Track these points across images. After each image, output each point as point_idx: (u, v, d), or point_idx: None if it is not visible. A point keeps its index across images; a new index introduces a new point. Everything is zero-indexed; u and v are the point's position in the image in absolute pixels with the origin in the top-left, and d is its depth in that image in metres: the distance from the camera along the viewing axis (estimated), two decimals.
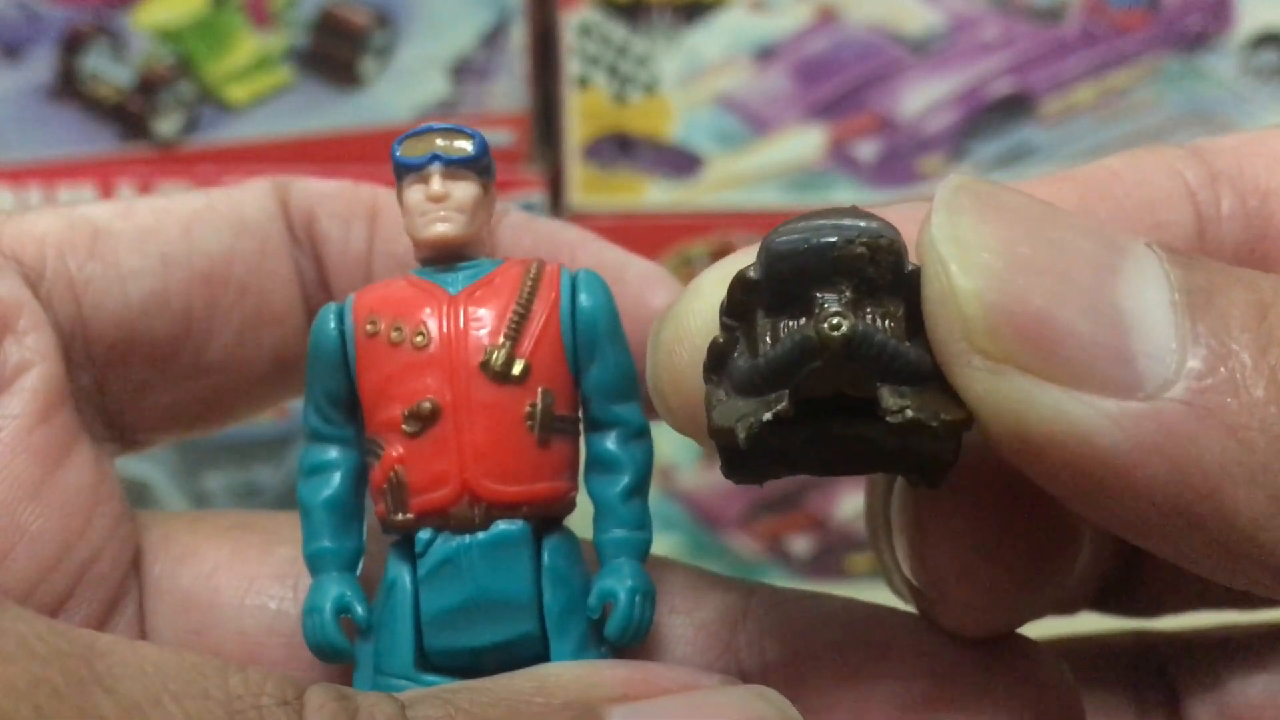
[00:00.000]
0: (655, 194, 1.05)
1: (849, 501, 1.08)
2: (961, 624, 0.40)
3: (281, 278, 0.47)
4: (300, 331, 0.47)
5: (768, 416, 0.35)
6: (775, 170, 1.05)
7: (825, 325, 0.34)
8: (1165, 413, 0.32)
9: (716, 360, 0.36)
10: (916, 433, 0.35)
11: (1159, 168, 0.42)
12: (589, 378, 0.41)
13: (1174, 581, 0.48)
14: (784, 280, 0.35)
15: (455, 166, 0.41)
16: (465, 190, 0.41)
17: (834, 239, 0.35)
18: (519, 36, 1.03)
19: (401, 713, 0.33)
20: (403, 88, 1.03)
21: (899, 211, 0.38)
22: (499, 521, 0.40)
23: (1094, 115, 1.04)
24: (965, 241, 0.33)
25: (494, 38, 1.03)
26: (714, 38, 1.03)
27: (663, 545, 0.47)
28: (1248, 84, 1.03)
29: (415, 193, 0.41)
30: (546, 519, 0.41)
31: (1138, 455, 0.32)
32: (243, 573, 0.44)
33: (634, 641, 0.41)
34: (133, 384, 0.46)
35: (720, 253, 1.04)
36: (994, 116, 1.04)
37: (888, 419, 0.34)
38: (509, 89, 1.03)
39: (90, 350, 0.44)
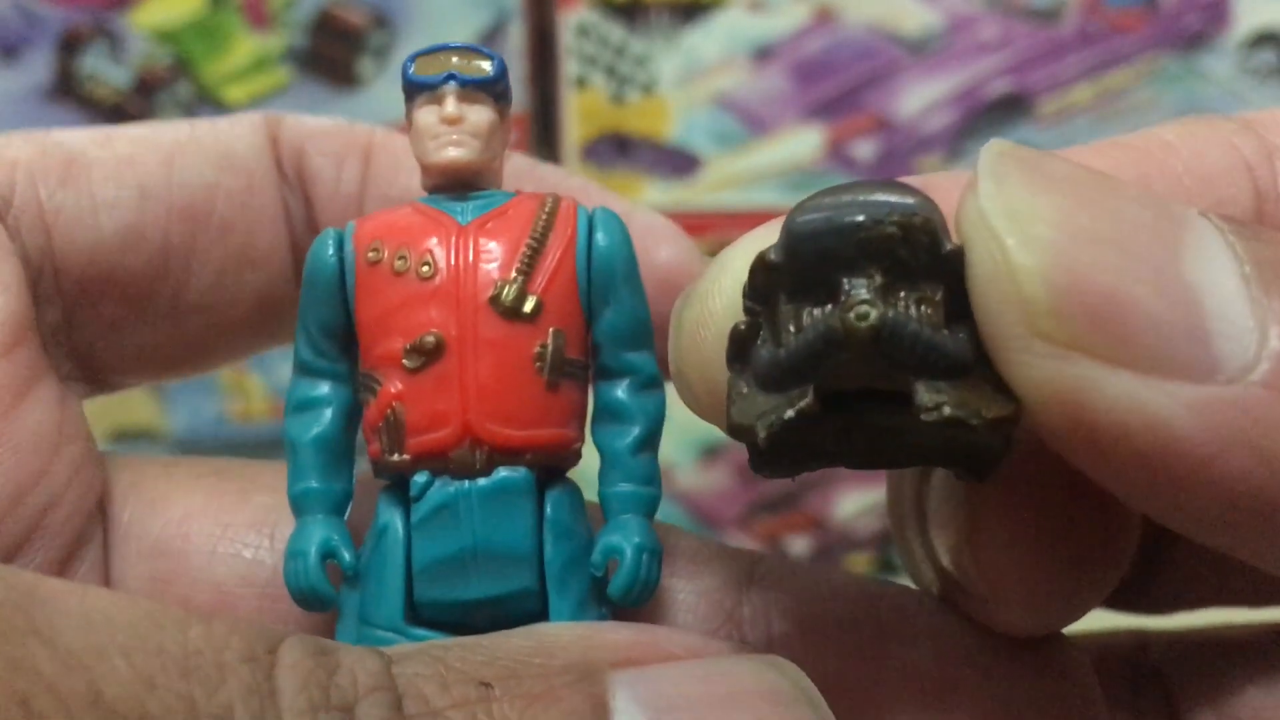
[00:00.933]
0: (653, 194, 1.04)
1: (848, 501, 1.07)
2: (1014, 623, 0.38)
3: (268, 216, 0.45)
4: (286, 274, 0.45)
5: (790, 415, 0.32)
6: (774, 170, 1.04)
7: (851, 315, 0.31)
8: (1248, 399, 0.29)
9: (738, 348, 0.33)
10: (955, 430, 0.31)
11: (1216, 141, 0.38)
12: (602, 322, 0.39)
13: (1191, 579, 0.46)
14: (807, 263, 0.32)
15: (472, 88, 0.39)
16: (481, 114, 0.39)
17: (861, 218, 0.31)
18: (517, 37, 1.03)
19: (387, 670, 0.31)
20: (400, 88, 1.02)
21: (939, 180, 0.35)
22: (501, 468, 0.37)
23: (1092, 115, 1.04)
24: (1019, 214, 0.31)
25: (492, 38, 1.02)
26: (712, 38, 1.03)
27: None
28: (1245, 83, 1.03)
29: (427, 114, 0.39)
30: (550, 468, 0.38)
31: (1217, 445, 0.29)
32: (217, 520, 0.42)
33: (638, 602, 0.38)
34: (104, 322, 0.44)
35: (719, 253, 1.04)
36: (992, 116, 1.03)
37: (922, 417, 0.31)
38: None
39: (59, 284, 0.42)
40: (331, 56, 1.03)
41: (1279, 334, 0.30)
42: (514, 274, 0.38)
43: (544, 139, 1.05)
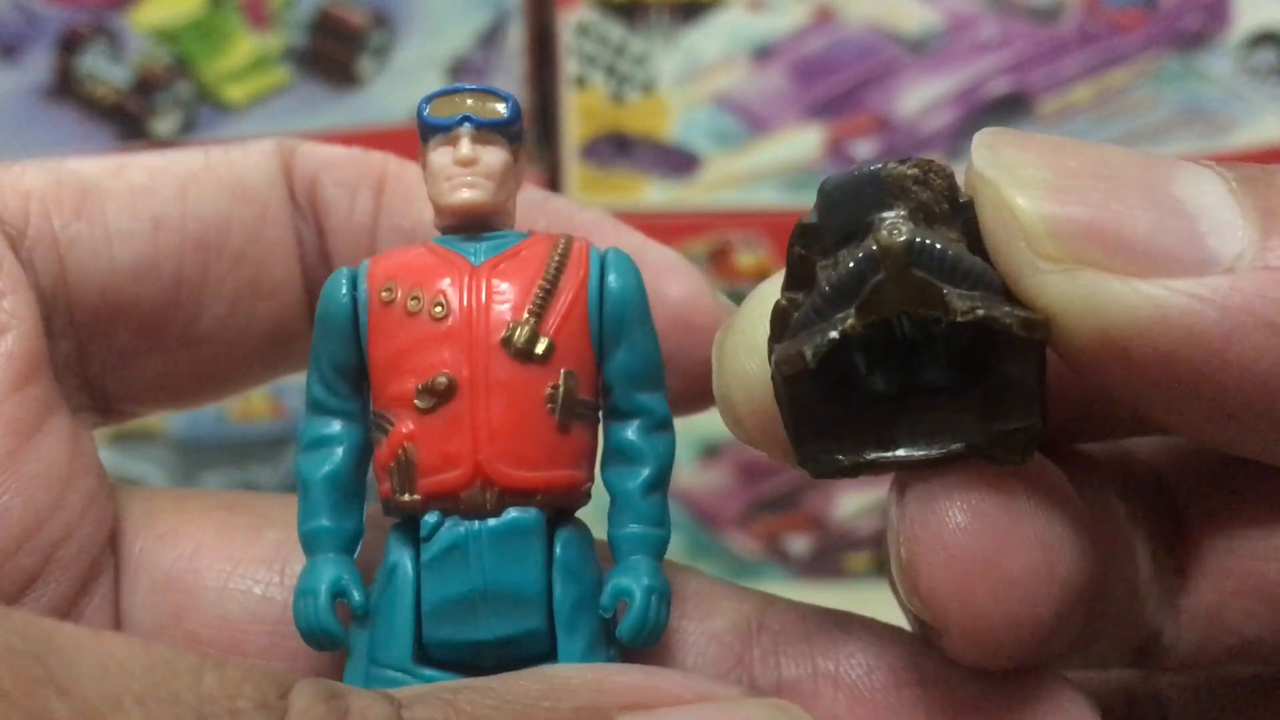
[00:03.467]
0: (653, 193, 1.04)
1: (847, 501, 1.08)
2: (967, 655, 0.37)
3: (281, 247, 0.44)
4: (298, 304, 0.45)
5: (834, 334, 0.34)
6: (773, 170, 1.04)
7: (885, 233, 0.34)
8: (1252, 280, 0.32)
9: (780, 324, 0.35)
10: (989, 331, 0.34)
11: None
12: (614, 362, 0.39)
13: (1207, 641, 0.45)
14: (840, 216, 0.35)
15: (486, 130, 0.39)
16: (495, 156, 0.39)
17: (882, 163, 0.35)
18: (516, 36, 1.03)
19: (397, 713, 0.31)
20: (400, 88, 1.03)
21: None
22: (511, 508, 0.37)
23: (1091, 114, 1.04)
24: (1010, 164, 0.34)
25: (491, 37, 1.02)
26: (712, 37, 1.03)
27: None
28: (1245, 83, 1.03)
29: (442, 155, 0.39)
30: (560, 509, 0.38)
31: (1230, 325, 0.32)
32: (227, 555, 0.42)
33: (648, 644, 0.38)
34: (117, 353, 0.44)
35: (719, 252, 1.04)
36: (992, 115, 1.03)
37: (958, 319, 0.33)
38: (506, 89, 1.02)
39: (72, 315, 0.42)
40: (331, 56, 1.03)
41: (1272, 228, 0.33)
42: (526, 315, 0.38)
43: (544, 138, 1.06)
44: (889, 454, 0.36)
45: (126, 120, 1.03)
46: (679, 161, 1.05)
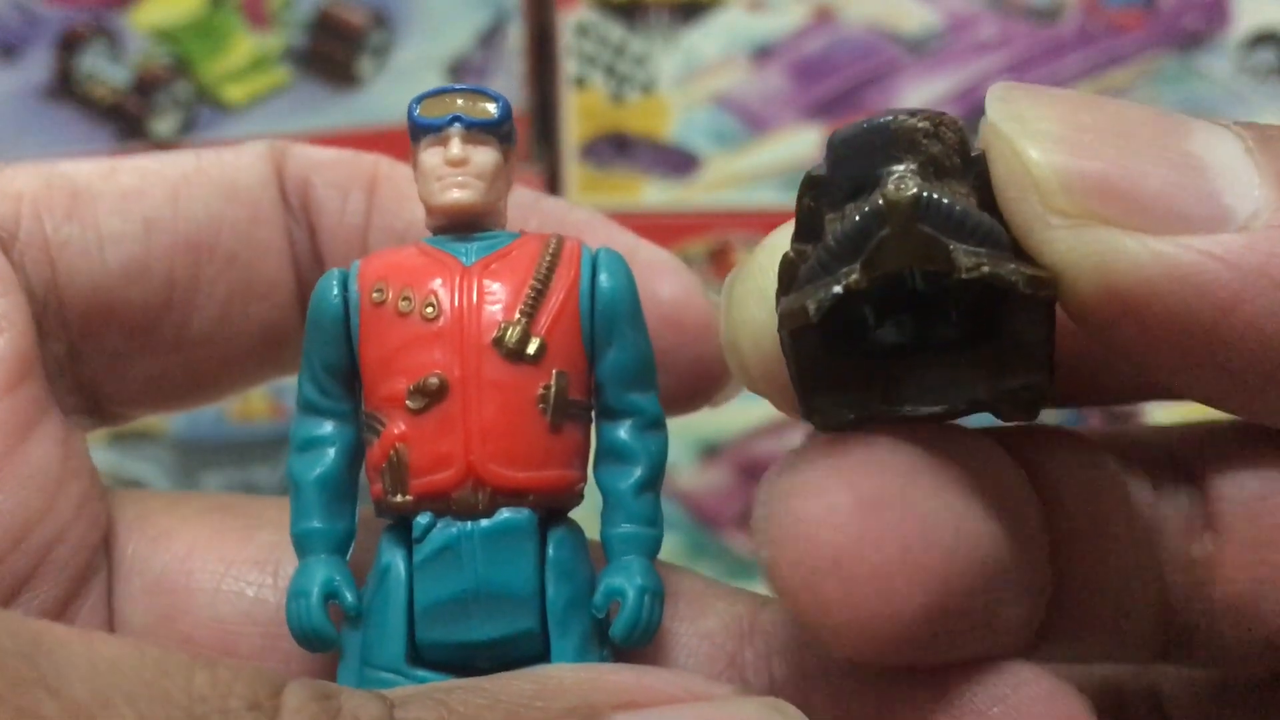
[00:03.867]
0: (652, 193, 1.04)
1: None
2: (836, 651, 0.36)
3: (272, 248, 0.44)
4: (291, 305, 0.45)
5: (838, 289, 0.33)
6: (773, 169, 1.04)
7: (891, 188, 0.33)
8: (1266, 239, 0.32)
9: (787, 275, 0.35)
10: (995, 287, 0.33)
11: None
12: (605, 362, 0.39)
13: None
14: (850, 169, 0.34)
15: (477, 130, 0.39)
16: (485, 156, 0.39)
17: (893, 115, 0.34)
18: (516, 36, 1.03)
19: (389, 713, 0.31)
20: (400, 88, 1.03)
21: None
22: (504, 509, 0.37)
23: None
24: (1024, 117, 0.33)
25: (491, 37, 1.03)
26: (711, 37, 1.03)
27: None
28: (1244, 83, 1.03)
29: (432, 156, 0.39)
30: (553, 509, 0.38)
31: (1242, 284, 0.32)
32: (220, 556, 0.41)
33: (640, 644, 0.38)
34: (109, 355, 0.43)
35: (718, 252, 1.04)
36: None
37: (963, 275, 0.33)
38: (506, 89, 1.03)
39: (64, 318, 0.42)
40: (331, 56, 1.03)
41: None
42: (517, 316, 0.38)
43: (544, 138, 1.06)
44: (895, 408, 0.36)
45: (126, 120, 1.03)
46: (679, 161, 1.05)
